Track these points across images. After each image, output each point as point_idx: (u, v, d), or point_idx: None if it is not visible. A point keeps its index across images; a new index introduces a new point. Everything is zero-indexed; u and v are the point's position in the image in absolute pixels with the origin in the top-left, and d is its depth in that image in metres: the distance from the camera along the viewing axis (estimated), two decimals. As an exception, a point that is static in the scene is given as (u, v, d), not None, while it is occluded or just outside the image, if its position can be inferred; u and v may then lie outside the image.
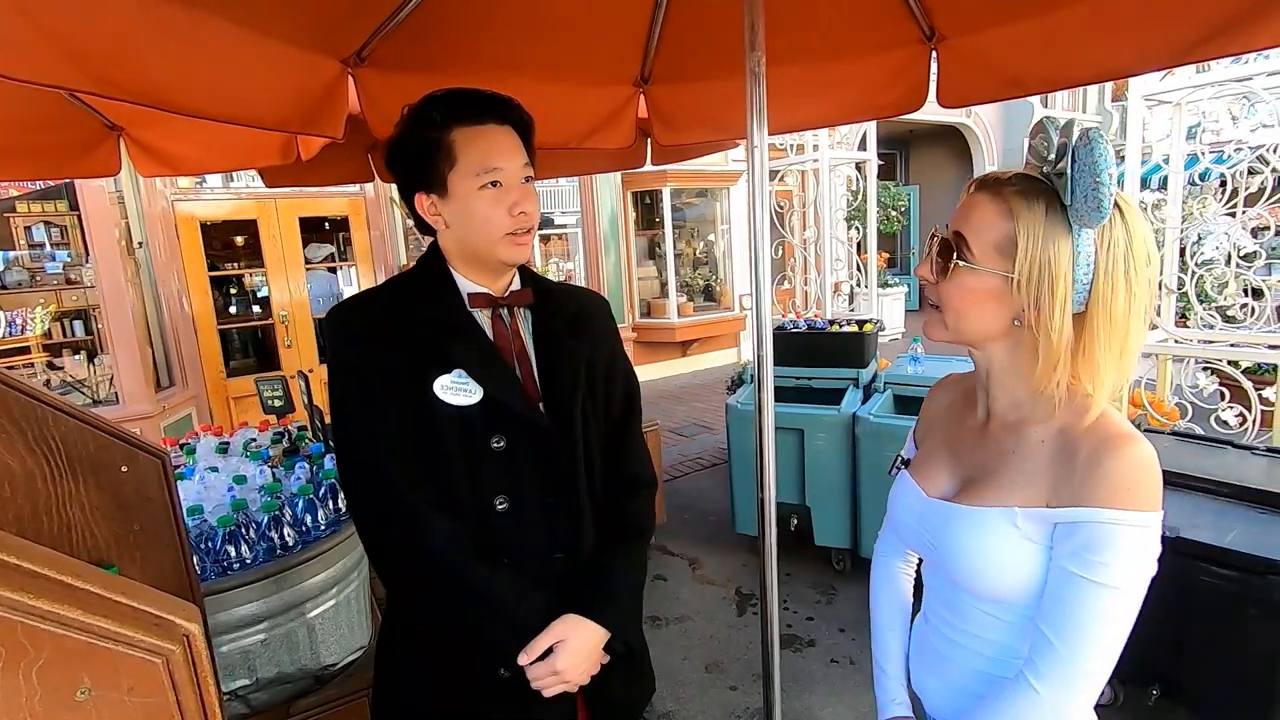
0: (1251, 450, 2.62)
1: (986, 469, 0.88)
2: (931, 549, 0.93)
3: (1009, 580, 0.82)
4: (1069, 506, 0.78)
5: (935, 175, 13.17)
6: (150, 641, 0.60)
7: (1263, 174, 3.29)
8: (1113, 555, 0.74)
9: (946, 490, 0.93)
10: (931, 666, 0.98)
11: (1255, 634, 1.98)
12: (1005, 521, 0.82)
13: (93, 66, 1.06)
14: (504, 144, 1.06)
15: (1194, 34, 1.44)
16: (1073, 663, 0.76)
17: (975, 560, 0.84)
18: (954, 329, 0.87)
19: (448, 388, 1.04)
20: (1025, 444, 0.85)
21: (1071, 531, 0.77)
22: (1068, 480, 0.79)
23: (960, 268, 0.83)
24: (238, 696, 1.65)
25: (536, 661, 1.03)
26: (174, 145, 2.43)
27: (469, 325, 1.10)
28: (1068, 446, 0.81)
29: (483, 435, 1.06)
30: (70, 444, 1.13)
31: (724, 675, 2.74)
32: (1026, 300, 0.80)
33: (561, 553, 1.12)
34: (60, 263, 4.65)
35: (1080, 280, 0.78)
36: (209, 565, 1.61)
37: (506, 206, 1.05)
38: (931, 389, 1.10)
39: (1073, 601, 0.76)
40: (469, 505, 1.06)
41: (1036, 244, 0.78)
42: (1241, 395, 3.37)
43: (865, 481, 3.25)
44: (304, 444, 2.26)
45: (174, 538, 1.29)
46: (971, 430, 0.95)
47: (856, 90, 2.10)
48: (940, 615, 0.96)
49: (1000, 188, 0.82)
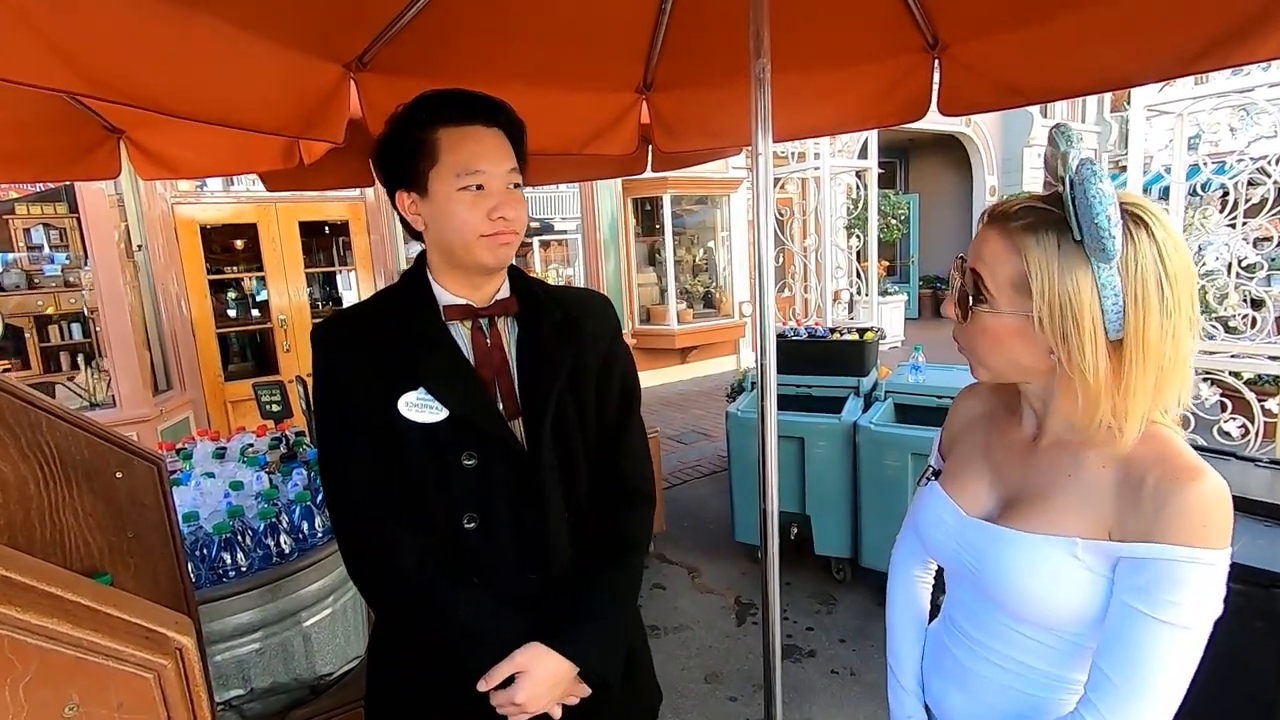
0: (1255, 462, 2.61)
1: (1037, 490, 0.83)
2: (972, 571, 0.88)
3: (1062, 610, 0.79)
4: (1138, 542, 0.74)
5: (935, 184, 13.21)
6: (141, 656, 0.59)
7: (1264, 185, 3.29)
8: (1184, 594, 0.70)
9: (989, 509, 0.88)
10: (953, 679, 0.95)
11: (1260, 647, 1.96)
12: (1064, 552, 0.78)
13: (87, 69, 1.05)
14: (488, 147, 1.04)
15: (1195, 45, 1.44)
16: (1136, 704, 0.72)
17: (1027, 587, 0.80)
18: (983, 367, 0.84)
19: (413, 405, 1.02)
20: (1084, 469, 0.80)
21: (1139, 567, 0.73)
22: (1134, 513, 0.75)
23: (978, 312, 0.80)
24: (231, 707, 1.63)
25: (498, 689, 1.00)
26: (175, 148, 2.42)
27: (441, 339, 1.07)
28: (1133, 476, 0.76)
29: (454, 452, 1.04)
30: (64, 449, 1.12)
31: (723, 686, 2.72)
32: (1053, 338, 0.76)
33: (534, 573, 1.09)
34: (59, 265, 4.64)
35: (1110, 311, 0.73)
36: (204, 573, 1.59)
37: (486, 210, 1.02)
38: (960, 395, 1.05)
39: (1138, 641, 0.72)
40: (440, 523, 1.05)
41: (1052, 281, 0.74)
42: (1244, 406, 3.36)
43: (866, 490, 3.23)
44: (302, 450, 2.24)
45: (169, 545, 1.28)
46: (1018, 445, 0.89)
47: (859, 98, 2.10)
48: (967, 631, 0.92)
49: (1006, 223, 0.78)
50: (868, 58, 2.00)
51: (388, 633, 1.15)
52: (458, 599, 1.02)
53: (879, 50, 1.97)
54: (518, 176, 1.07)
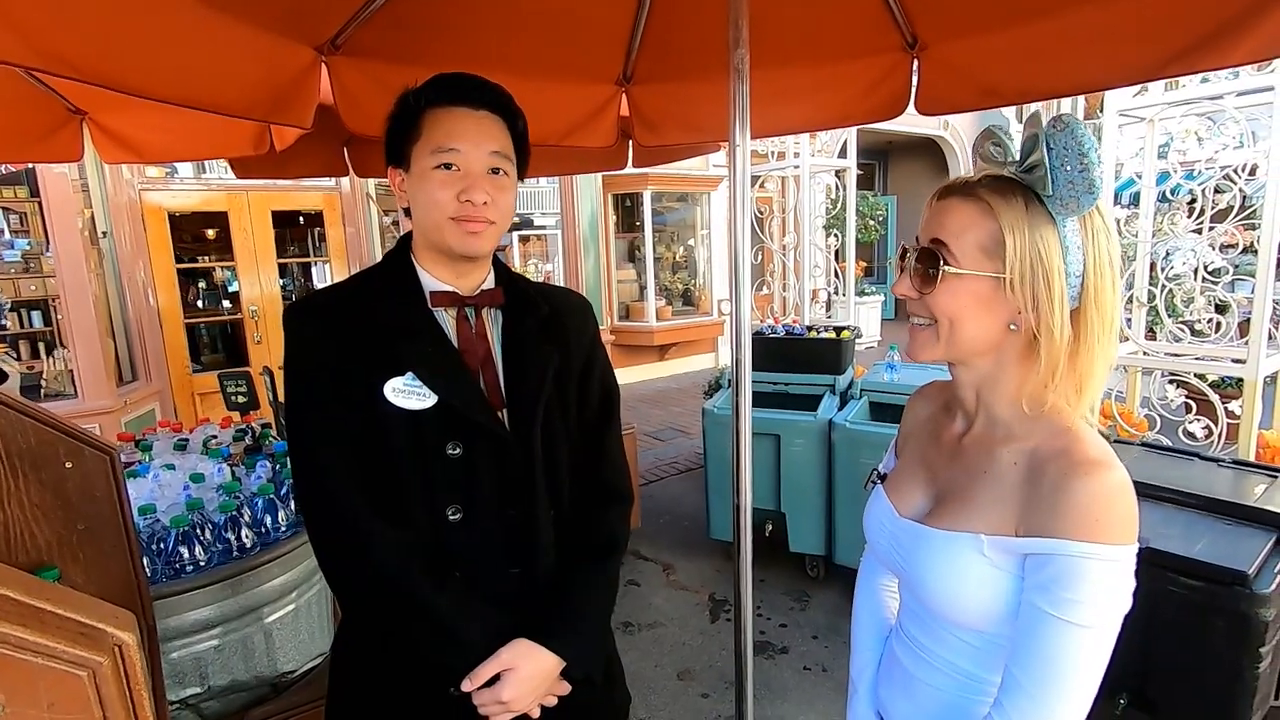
0: (1218, 462, 2.66)
1: (958, 488, 0.84)
2: (902, 570, 0.89)
3: (976, 608, 0.78)
4: (1038, 537, 0.73)
5: (912, 186, 13.36)
6: (74, 653, 0.55)
7: (1230, 192, 3.36)
8: (1084, 591, 0.69)
9: (919, 509, 0.88)
10: (900, 687, 0.94)
11: (1221, 644, 2.00)
12: (972, 549, 0.78)
13: (40, 40, 1.00)
14: (468, 127, 1.02)
15: (1165, 50, 1.46)
16: (1042, 706, 0.71)
17: (942, 586, 0.80)
18: (948, 341, 0.81)
19: (399, 391, 1.00)
20: (998, 465, 0.80)
21: (1042, 564, 0.73)
22: (1036, 508, 0.74)
23: (948, 274, 0.78)
24: (188, 705, 1.58)
25: (482, 688, 0.98)
26: (141, 132, 2.35)
27: (427, 326, 1.05)
28: (1036, 470, 0.76)
29: (437, 441, 1.01)
30: (9, 437, 1.07)
31: (696, 683, 2.71)
32: (1023, 300, 0.75)
33: (517, 568, 1.07)
34: (19, 251, 4.50)
35: (1072, 273, 0.75)
36: (160, 567, 1.54)
37: (456, 190, 1.00)
38: (911, 398, 1.05)
39: (1042, 641, 0.71)
40: (421, 514, 1.02)
41: (1025, 238, 0.74)
42: (1208, 408, 3.44)
43: (840, 488, 3.25)
44: (267, 442, 2.19)
45: (121, 538, 1.23)
46: (948, 445, 0.90)
47: (838, 95, 2.10)
48: (912, 635, 0.92)
49: (972, 188, 0.78)
50: (848, 55, 2.00)
51: (355, 629, 1.11)
52: (438, 595, 0.99)
53: (859, 48, 1.97)
54: (501, 162, 1.04)
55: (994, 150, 0.80)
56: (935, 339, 0.81)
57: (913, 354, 0.85)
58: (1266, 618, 1.92)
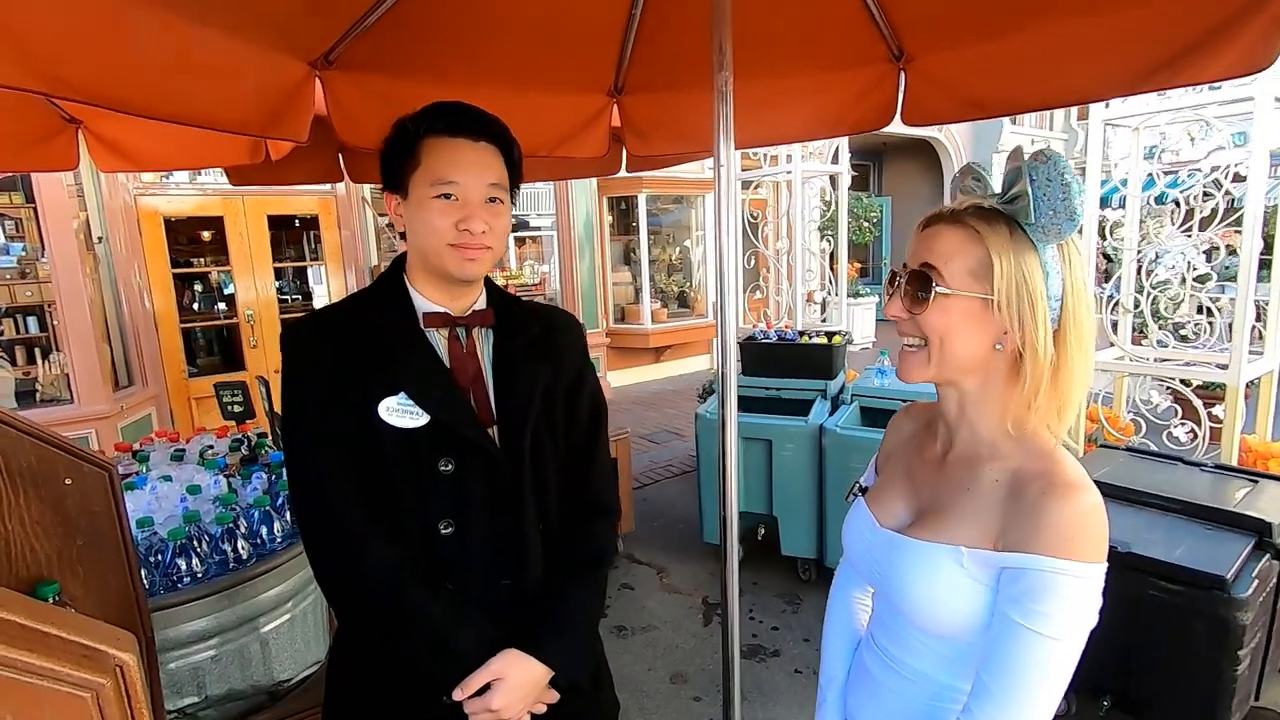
0: (1201, 467, 2.71)
1: (940, 503, 0.88)
2: (880, 579, 0.92)
3: (951, 617, 0.83)
4: (1014, 551, 0.77)
5: (907, 187, 13.41)
6: (78, 675, 0.58)
7: (1215, 198, 3.40)
8: (1054, 605, 0.74)
9: (900, 521, 0.92)
10: (868, 695, 0.98)
11: (1202, 646, 2.04)
12: (951, 560, 0.82)
13: (41, 65, 1.02)
14: (466, 159, 1.05)
15: (1143, 64, 1.49)
16: (1009, 711, 0.76)
17: (920, 594, 0.84)
18: (938, 361, 0.85)
19: (393, 410, 1.03)
20: (980, 482, 0.84)
21: (1016, 577, 0.77)
22: (1016, 523, 0.79)
23: (939, 294, 0.82)
24: (186, 715, 1.60)
25: (473, 697, 1.01)
26: (135, 140, 2.36)
27: (419, 346, 1.08)
28: (1018, 488, 0.80)
29: (430, 458, 1.05)
30: (10, 455, 1.10)
31: (688, 686, 2.74)
32: (1009, 320, 0.80)
33: (508, 579, 1.10)
34: (14, 256, 4.49)
35: (1053, 295, 0.80)
36: (158, 579, 1.57)
37: (455, 219, 1.04)
38: (894, 418, 1.09)
39: (1012, 650, 0.76)
40: (413, 527, 1.05)
41: (1011, 262, 0.79)
42: (1193, 412, 3.48)
43: (831, 492, 3.28)
44: (263, 452, 2.21)
45: (120, 552, 1.26)
46: (931, 462, 0.94)
47: (825, 107, 2.13)
48: (882, 644, 0.95)
49: (959, 216, 0.83)
50: (835, 67, 2.03)
51: (351, 638, 1.15)
52: (431, 603, 1.02)
53: (846, 60, 1.99)
54: (498, 191, 1.08)
55: (974, 185, 0.87)
56: (926, 360, 0.86)
57: (904, 375, 0.89)
58: (1244, 621, 1.96)
